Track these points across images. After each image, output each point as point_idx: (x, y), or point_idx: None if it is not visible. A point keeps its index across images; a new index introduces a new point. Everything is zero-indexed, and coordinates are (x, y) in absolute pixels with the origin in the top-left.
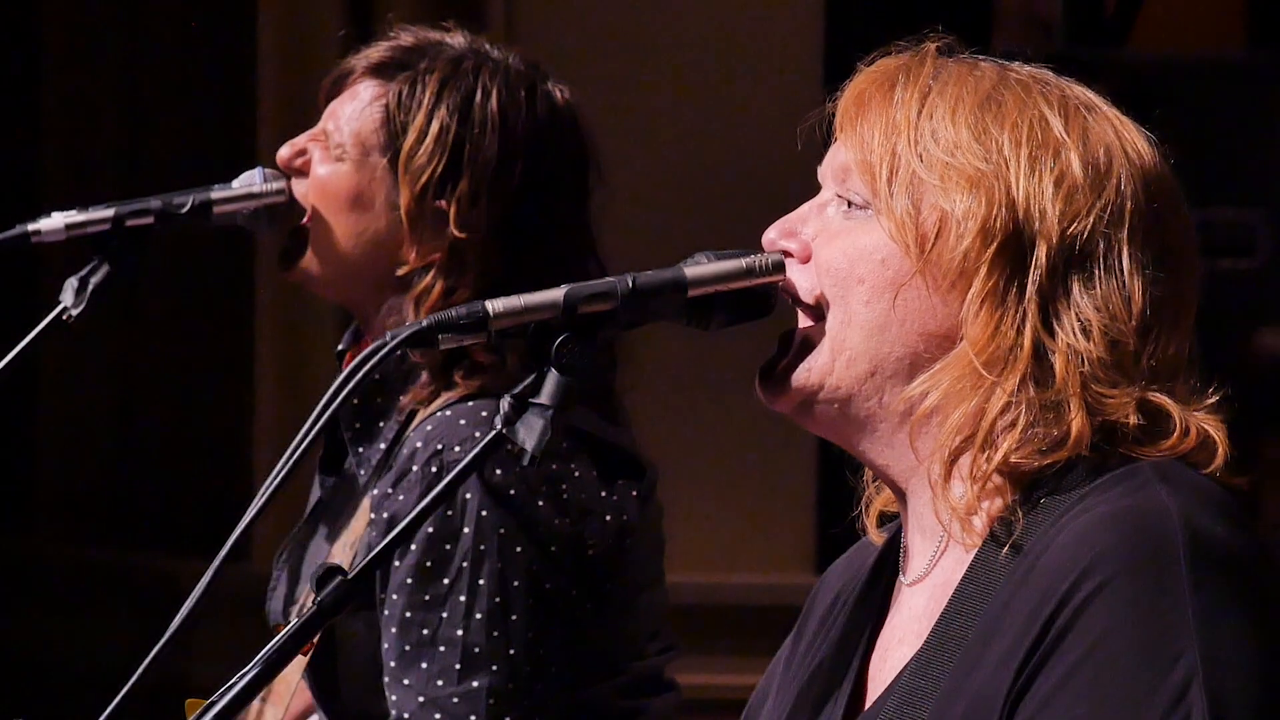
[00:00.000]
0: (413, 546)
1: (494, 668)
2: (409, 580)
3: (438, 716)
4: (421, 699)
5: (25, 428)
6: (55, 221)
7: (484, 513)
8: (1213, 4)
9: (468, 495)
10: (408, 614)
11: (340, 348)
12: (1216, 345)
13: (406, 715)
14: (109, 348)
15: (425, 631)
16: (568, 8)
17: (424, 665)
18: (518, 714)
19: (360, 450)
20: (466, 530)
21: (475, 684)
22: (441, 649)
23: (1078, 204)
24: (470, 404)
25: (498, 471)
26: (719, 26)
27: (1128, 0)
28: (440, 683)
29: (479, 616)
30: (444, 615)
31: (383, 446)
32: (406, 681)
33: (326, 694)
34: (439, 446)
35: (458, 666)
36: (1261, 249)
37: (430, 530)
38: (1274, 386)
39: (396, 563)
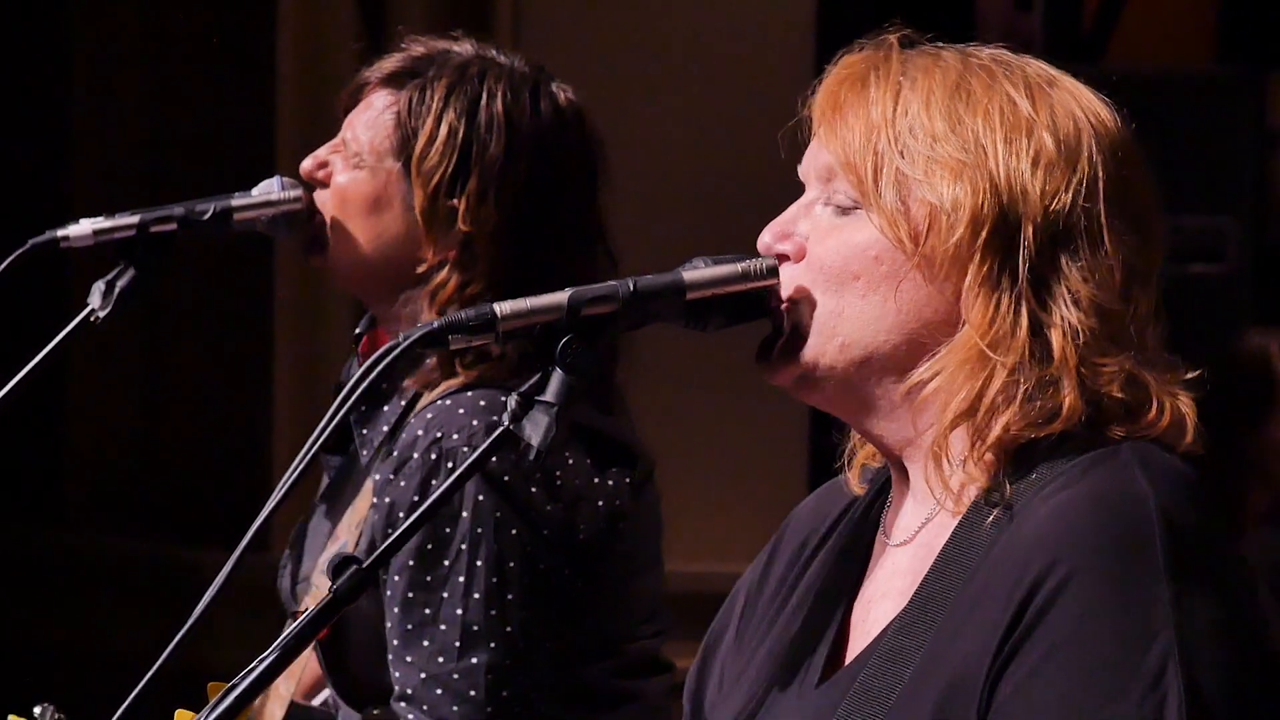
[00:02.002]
0: None
1: (492, 645)
2: (410, 562)
3: (439, 692)
4: (424, 675)
5: (54, 424)
6: (83, 228)
7: (481, 497)
8: (1184, 21)
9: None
10: (410, 594)
11: (358, 331)
12: (1189, 348)
13: (410, 691)
14: (134, 347)
15: (427, 611)
16: (573, 18)
17: (425, 643)
18: (515, 689)
19: (364, 432)
20: (465, 514)
21: (474, 660)
22: (442, 627)
23: (1055, 180)
24: (469, 394)
25: (493, 459)
26: (715, 37)
27: (1104, 18)
28: (441, 659)
29: (477, 596)
30: (444, 595)
31: (385, 429)
32: (409, 659)
33: (336, 668)
34: (438, 434)
35: (457, 644)
36: (1231, 254)
37: None
38: (1255, 385)
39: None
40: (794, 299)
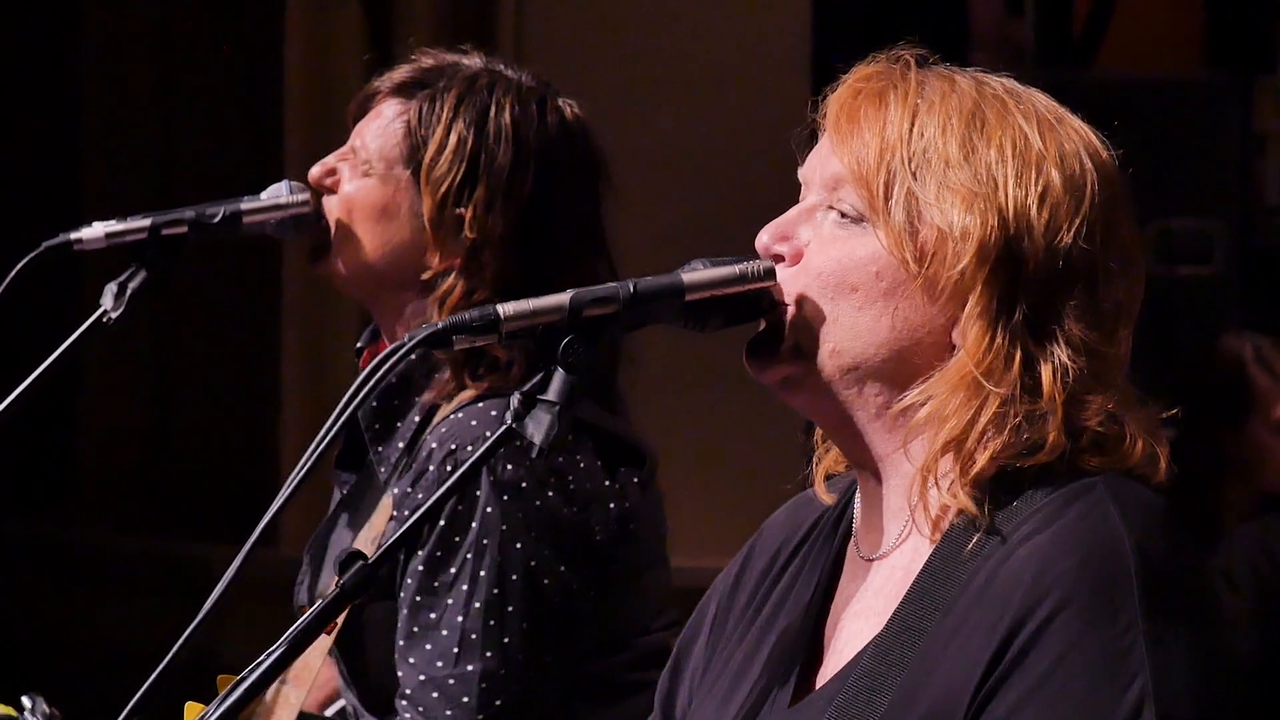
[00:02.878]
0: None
1: (488, 654)
2: (421, 568)
3: (435, 695)
4: (422, 678)
5: (68, 423)
6: (96, 230)
7: (489, 509)
8: (1173, 28)
9: (478, 491)
10: (418, 598)
11: (359, 345)
12: (1178, 347)
13: (409, 691)
14: (145, 348)
15: (431, 615)
16: (573, 28)
17: (427, 647)
18: (509, 698)
19: (380, 449)
20: (474, 525)
21: (470, 668)
22: (443, 633)
23: (1059, 219)
24: (480, 405)
25: (508, 466)
26: (712, 47)
27: (1094, 25)
28: (439, 664)
29: (477, 605)
30: (448, 602)
31: (401, 445)
32: (411, 660)
33: (356, 674)
34: (453, 446)
35: (455, 650)
36: (1218, 257)
37: (443, 523)
38: (1233, 386)
39: (415, 551)
40: (789, 303)
